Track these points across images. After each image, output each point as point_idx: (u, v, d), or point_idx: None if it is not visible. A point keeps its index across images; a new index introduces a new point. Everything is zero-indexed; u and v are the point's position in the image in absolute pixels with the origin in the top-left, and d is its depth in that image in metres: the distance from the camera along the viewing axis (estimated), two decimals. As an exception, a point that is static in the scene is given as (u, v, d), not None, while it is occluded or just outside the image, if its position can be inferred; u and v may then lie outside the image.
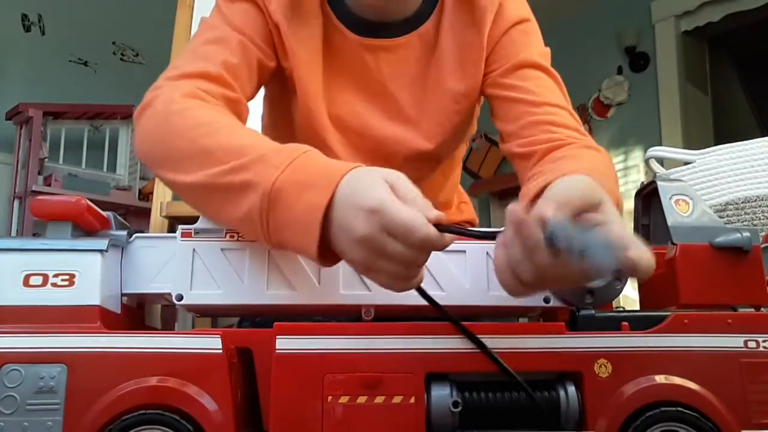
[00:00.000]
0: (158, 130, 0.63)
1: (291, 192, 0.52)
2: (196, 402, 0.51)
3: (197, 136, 0.59)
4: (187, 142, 0.59)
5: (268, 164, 0.53)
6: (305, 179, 0.52)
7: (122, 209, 2.62)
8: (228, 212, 0.56)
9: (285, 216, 0.52)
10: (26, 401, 0.51)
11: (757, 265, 0.58)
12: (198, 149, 0.58)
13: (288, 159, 0.53)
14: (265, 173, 0.53)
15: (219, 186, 0.55)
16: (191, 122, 0.61)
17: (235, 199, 0.54)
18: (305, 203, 0.51)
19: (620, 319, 0.55)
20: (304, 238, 0.51)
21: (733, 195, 1.18)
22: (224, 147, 0.57)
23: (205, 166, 0.56)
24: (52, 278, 0.55)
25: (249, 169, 0.54)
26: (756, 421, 0.52)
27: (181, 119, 0.61)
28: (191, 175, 0.57)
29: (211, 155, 0.56)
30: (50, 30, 2.95)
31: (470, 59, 0.77)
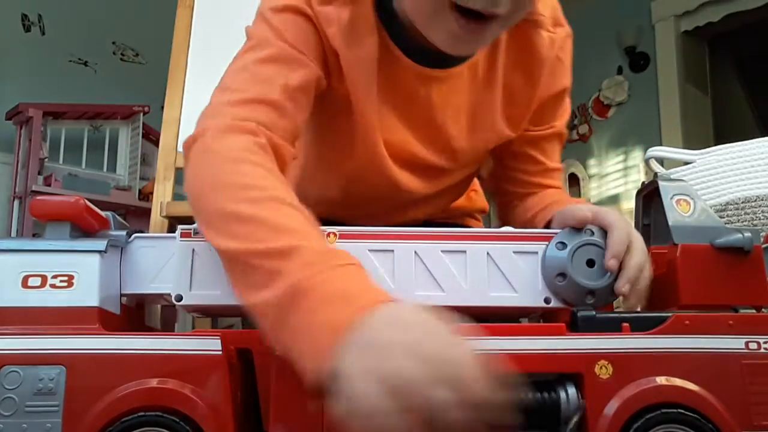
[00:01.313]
0: (205, 174, 0.58)
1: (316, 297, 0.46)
2: (195, 403, 0.51)
3: (240, 198, 0.54)
4: (230, 200, 0.54)
5: (303, 259, 0.48)
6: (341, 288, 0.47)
7: (122, 209, 2.62)
8: (247, 295, 0.51)
9: (301, 320, 0.46)
10: (25, 403, 0.51)
11: (758, 266, 0.58)
12: (235, 213, 0.53)
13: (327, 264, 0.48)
14: (298, 268, 0.48)
15: (246, 265, 0.51)
16: (240, 180, 0.55)
17: (258, 284, 0.49)
18: (330, 316, 0.45)
19: (621, 320, 0.55)
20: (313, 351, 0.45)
21: (733, 195, 1.18)
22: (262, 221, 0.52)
23: (238, 237, 0.52)
24: (50, 279, 0.55)
25: (283, 258, 0.49)
26: (757, 422, 0.52)
27: (231, 170, 0.56)
28: (223, 240, 0.53)
29: (246, 225, 0.52)
30: (50, 30, 2.95)
31: (519, 107, 0.77)
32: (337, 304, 0.45)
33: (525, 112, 0.78)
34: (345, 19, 0.67)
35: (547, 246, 0.60)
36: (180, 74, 1.53)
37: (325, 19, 0.67)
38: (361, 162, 0.74)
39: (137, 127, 2.82)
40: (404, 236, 0.60)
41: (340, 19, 0.67)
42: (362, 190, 0.77)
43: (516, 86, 0.76)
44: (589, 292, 0.59)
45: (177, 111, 1.50)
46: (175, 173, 1.45)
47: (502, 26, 0.64)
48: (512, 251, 0.60)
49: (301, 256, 0.48)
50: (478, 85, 0.75)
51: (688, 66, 3.10)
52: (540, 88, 0.76)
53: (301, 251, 0.49)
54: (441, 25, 0.63)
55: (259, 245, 0.50)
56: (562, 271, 0.59)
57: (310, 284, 0.47)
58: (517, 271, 0.60)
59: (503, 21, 0.62)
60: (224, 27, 1.60)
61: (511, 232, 0.62)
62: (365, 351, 0.42)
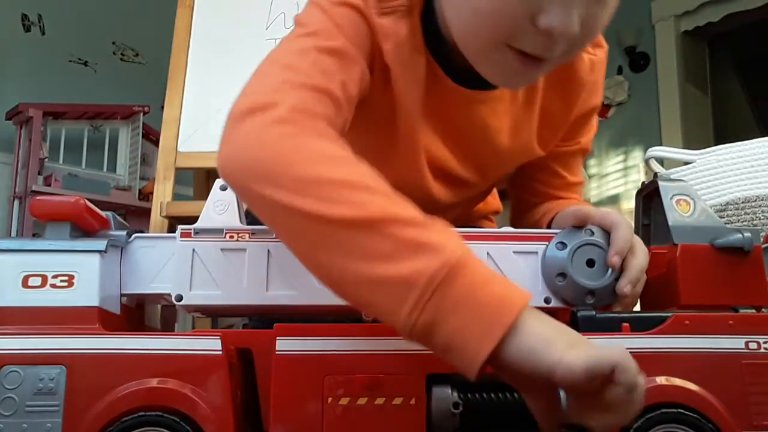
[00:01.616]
0: (289, 145, 0.52)
1: (478, 273, 0.46)
2: (195, 403, 0.51)
3: (347, 171, 0.50)
4: (330, 168, 0.50)
5: (450, 238, 0.47)
6: (492, 273, 0.47)
7: (122, 209, 2.62)
8: (371, 268, 0.47)
9: (462, 296, 0.45)
10: (25, 403, 0.51)
11: (758, 266, 0.58)
12: (349, 181, 0.49)
13: (459, 238, 0.48)
14: (448, 241, 0.47)
15: (379, 233, 0.47)
16: (339, 153, 0.52)
17: (394, 255, 0.46)
18: (496, 294, 0.45)
19: (621, 320, 0.55)
20: (483, 330, 0.44)
21: (733, 195, 1.18)
22: (387, 194, 0.49)
23: (360, 205, 0.48)
24: (51, 279, 0.55)
25: (426, 229, 0.47)
26: (757, 422, 0.52)
27: (323, 145, 0.53)
28: (334, 207, 0.48)
29: (367, 194, 0.49)
30: (50, 30, 2.95)
31: (552, 128, 0.77)
32: (497, 282, 0.46)
33: (558, 133, 0.78)
34: (401, 35, 0.65)
35: (547, 246, 0.60)
36: (180, 74, 1.54)
37: (381, 32, 0.64)
38: (399, 172, 0.71)
39: (137, 127, 2.82)
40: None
41: (396, 34, 0.65)
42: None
43: (553, 108, 0.75)
44: (589, 292, 0.59)
45: (177, 111, 1.50)
46: (175, 173, 1.45)
47: (556, 64, 0.62)
48: (512, 251, 0.60)
49: (442, 231, 0.47)
50: (517, 106, 0.74)
51: (688, 66, 3.11)
52: (575, 109, 0.76)
53: (435, 224, 0.48)
54: (495, 62, 0.61)
55: (390, 213, 0.47)
56: (562, 271, 0.59)
57: (464, 260, 0.46)
58: (517, 271, 0.60)
59: (558, 59, 0.61)
60: (224, 27, 1.60)
61: (511, 232, 0.62)
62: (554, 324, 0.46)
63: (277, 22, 1.61)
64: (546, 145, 0.78)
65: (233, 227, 0.59)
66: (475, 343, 0.44)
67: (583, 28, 0.57)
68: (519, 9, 0.56)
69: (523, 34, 0.57)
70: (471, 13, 0.59)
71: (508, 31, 0.58)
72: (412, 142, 0.71)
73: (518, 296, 0.46)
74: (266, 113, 0.54)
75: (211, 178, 1.47)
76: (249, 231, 0.59)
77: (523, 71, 0.61)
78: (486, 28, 0.59)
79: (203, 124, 1.47)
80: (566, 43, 0.57)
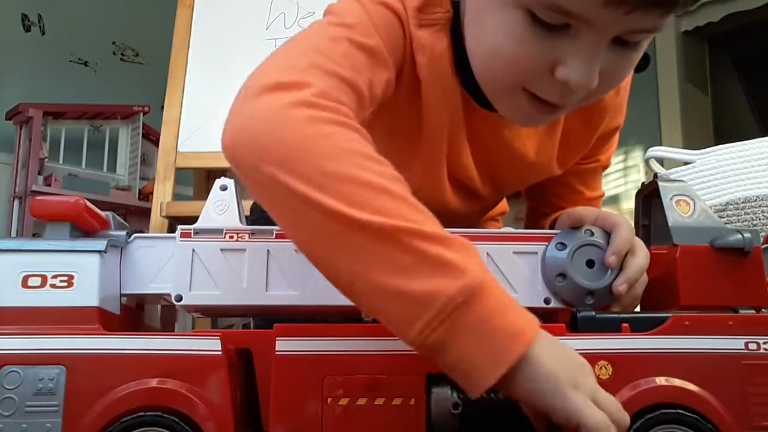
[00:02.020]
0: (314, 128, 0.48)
1: (494, 300, 0.45)
2: (195, 404, 0.51)
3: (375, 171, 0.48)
4: (358, 167, 0.47)
5: (474, 257, 0.47)
6: (507, 298, 0.47)
7: (122, 209, 2.62)
8: (390, 279, 0.45)
9: (476, 322, 0.44)
10: (25, 403, 0.51)
11: (757, 267, 0.58)
12: (377, 185, 0.47)
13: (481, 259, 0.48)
14: (471, 264, 0.45)
15: (403, 246, 0.45)
16: (367, 151, 0.49)
17: (416, 270, 0.45)
18: (510, 323, 0.45)
19: (620, 321, 0.55)
20: (492, 357, 0.44)
21: (733, 195, 1.18)
22: (410, 203, 0.47)
23: (387, 213, 0.45)
24: (50, 279, 0.55)
25: (451, 248, 0.46)
26: (757, 423, 0.52)
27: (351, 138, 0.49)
28: (362, 212, 0.45)
29: (393, 201, 0.46)
30: (50, 30, 2.95)
31: (573, 150, 0.76)
32: (512, 310, 0.46)
33: (578, 154, 0.77)
34: (437, 50, 0.63)
35: (547, 246, 0.60)
36: (180, 74, 1.54)
37: (418, 44, 0.62)
38: (418, 180, 0.70)
39: (137, 127, 2.82)
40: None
41: (433, 48, 0.63)
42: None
43: (575, 130, 0.74)
44: (589, 293, 0.59)
45: (177, 111, 1.50)
46: (175, 173, 1.45)
47: (573, 108, 0.61)
48: (512, 251, 0.60)
49: (469, 251, 0.46)
50: (540, 131, 0.73)
51: (688, 66, 3.10)
52: (598, 132, 0.75)
53: (463, 245, 0.47)
54: (510, 103, 0.61)
55: (415, 226, 0.45)
56: (562, 272, 0.59)
57: (484, 285, 0.45)
58: (516, 272, 0.60)
59: (575, 105, 0.60)
60: (224, 27, 1.60)
61: (510, 232, 0.62)
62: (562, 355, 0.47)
63: (277, 22, 1.62)
64: (565, 165, 0.77)
65: (233, 227, 0.59)
66: (482, 370, 0.44)
67: (604, 81, 0.55)
68: (539, 57, 0.54)
69: (540, 82, 0.56)
70: (490, 53, 0.58)
71: (525, 77, 0.56)
72: (436, 154, 0.70)
73: (530, 326, 0.46)
74: (292, 92, 0.49)
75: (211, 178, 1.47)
76: (249, 231, 0.59)
77: (536, 116, 0.60)
78: (504, 71, 0.57)
79: (203, 124, 1.47)
80: (584, 94, 0.56)
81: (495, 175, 0.75)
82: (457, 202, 0.75)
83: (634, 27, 0.52)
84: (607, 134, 0.78)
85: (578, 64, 0.53)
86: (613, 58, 0.55)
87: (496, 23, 0.56)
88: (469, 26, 0.61)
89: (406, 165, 0.69)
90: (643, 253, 0.61)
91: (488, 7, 0.57)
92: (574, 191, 0.82)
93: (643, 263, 0.60)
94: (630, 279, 0.58)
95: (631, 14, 0.50)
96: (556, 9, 0.51)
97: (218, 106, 1.38)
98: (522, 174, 0.76)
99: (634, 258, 0.60)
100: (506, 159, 0.73)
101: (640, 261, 0.60)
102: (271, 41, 1.58)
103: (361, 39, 0.57)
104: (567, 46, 0.53)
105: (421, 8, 0.62)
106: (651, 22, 0.52)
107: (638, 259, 0.60)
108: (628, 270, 0.59)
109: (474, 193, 0.76)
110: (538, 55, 0.54)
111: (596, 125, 0.75)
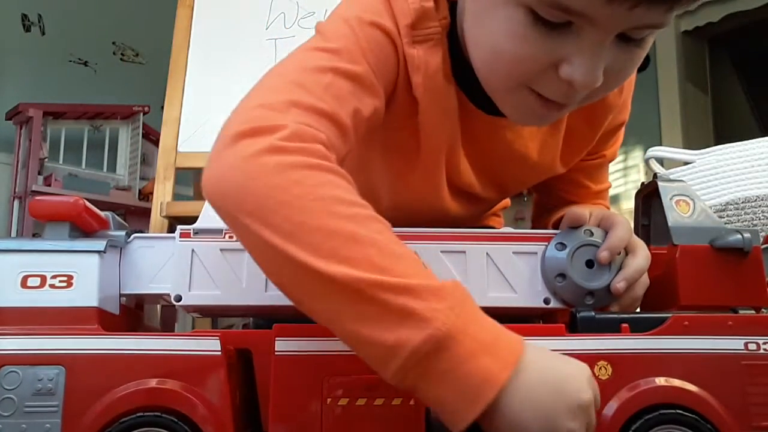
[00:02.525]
0: (281, 176, 0.48)
1: (464, 346, 0.45)
2: (194, 404, 0.51)
3: (344, 215, 0.47)
4: (326, 214, 0.47)
5: (442, 302, 0.46)
6: (485, 339, 0.46)
7: (122, 209, 2.62)
8: (359, 329, 0.46)
9: (447, 369, 0.45)
10: (24, 403, 0.51)
11: (757, 267, 0.58)
12: (344, 232, 0.47)
13: (460, 302, 0.46)
14: (437, 312, 0.45)
15: (368, 298, 0.45)
16: (335, 193, 0.48)
17: (382, 321, 0.45)
18: (481, 368, 0.45)
19: (620, 321, 0.55)
20: (464, 403, 0.45)
21: (733, 195, 1.18)
22: (380, 247, 0.47)
23: (354, 263, 0.46)
24: (50, 279, 0.55)
25: (417, 297, 0.45)
26: (756, 423, 0.52)
27: (320, 180, 0.49)
28: (328, 264, 0.45)
29: (361, 248, 0.46)
30: (50, 30, 2.95)
31: (576, 149, 0.76)
32: (487, 356, 0.45)
33: (582, 152, 0.77)
34: (432, 67, 0.62)
35: (547, 246, 0.60)
36: (180, 74, 1.54)
37: (412, 64, 0.61)
38: (417, 192, 0.71)
39: (137, 127, 2.82)
40: (404, 237, 0.59)
41: (428, 66, 0.61)
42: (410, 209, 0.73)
43: (578, 130, 0.73)
44: (589, 293, 0.59)
45: (177, 111, 1.50)
46: (175, 173, 1.45)
47: (577, 106, 0.60)
48: (512, 252, 0.60)
49: (437, 296, 0.46)
50: (542, 131, 0.72)
51: (688, 66, 3.11)
52: (601, 130, 0.75)
53: (437, 292, 0.46)
54: (513, 102, 0.60)
55: (379, 277, 0.45)
56: (562, 272, 0.59)
57: (452, 332, 0.45)
58: (516, 272, 0.60)
59: (579, 104, 0.59)
60: (224, 27, 1.60)
61: (510, 232, 0.62)
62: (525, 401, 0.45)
63: (277, 22, 1.62)
64: (568, 163, 0.77)
65: (232, 227, 0.59)
66: (456, 414, 0.45)
67: (609, 79, 0.55)
68: (542, 56, 0.53)
69: (544, 81, 0.55)
70: (492, 54, 0.57)
71: (528, 76, 0.56)
72: (434, 168, 0.69)
73: (500, 371, 0.45)
74: (263, 138, 0.49)
75: (211, 178, 1.47)
76: (248, 231, 0.59)
77: (540, 114, 0.59)
78: (506, 71, 0.56)
79: (203, 124, 1.47)
80: (588, 92, 0.56)
81: (497, 178, 0.75)
82: (458, 208, 0.75)
83: (639, 23, 0.51)
84: (612, 130, 0.78)
85: (582, 63, 0.52)
86: (617, 55, 0.54)
87: (497, 23, 0.55)
88: (469, 28, 0.60)
89: (404, 178, 0.70)
90: (643, 254, 0.60)
91: (488, 6, 0.56)
92: (580, 186, 0.81)
93: (643, 264, 0.60)
94: (629, 278, 0.58)
95: (635, 10, 0.49)
96: (558, 6, 0.50)
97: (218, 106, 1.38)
98: (524, 175, 0.76)
99: (635, 258, 0.60)
100: (508, 161, 0.72)
101: (640, 262, 0.60)
102: (271, 41, 1.58)
103: (347, 66, 0.57)
104: (570, 45, 0.52)
105: (414, 25, 0.60)
106: (656, 17, 0.51)
107: (638, 260, 0.60)
108: (627, 269, 0.59)
109: (475, 197, 0.76)
110: (540, 54, 0.53)
111: (600, 123, 0.74)
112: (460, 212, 0.76)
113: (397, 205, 0.73)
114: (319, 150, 0.50)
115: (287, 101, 0.52)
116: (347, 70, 0.56)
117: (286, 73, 0.56)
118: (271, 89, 0.55)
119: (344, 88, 0.56)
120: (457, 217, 0.76)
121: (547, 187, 0.83)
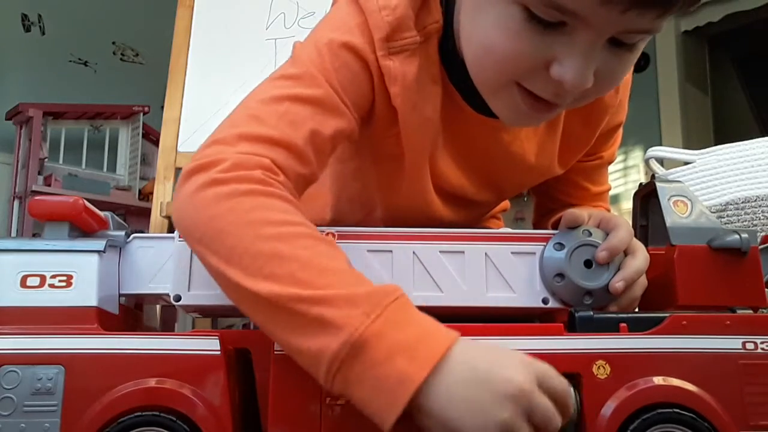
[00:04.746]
0: (222, 209, 0.52)
1: (380, 349, 0.46)
2: (193, 403, 0.51)
3: (270, 235, 0.51)
4: (259, 238, 0.51)
5: (356, 308, 0.48)
6: (404, 341, 0.47)
7: (122, 209, 2.63)
8: (289, 339, 0.50)
9: (364, 373, 0.46)
10: (23, 403, 0.51)
11: (755, 267, 0.58)
12: (268, 251, 0.50)
13: (378, 307, 0.48)
14: (351, 318, 0.47)
15: (289, 310, 0.49)
16: (267, 216, 0.52)
17: (304, 331, 0.48)
18: (397, 370, 0.46)
19: (618, 321, 0.55)
20: (383, 405, 0.46)
21: (733, 195, 1.18)
22: (303, 262, 0.50)
23: (276, 278, 0.49)
24: (49, 279, 0.55)
25: (332, 306, 0.48)
26: (754, 422, 0.52)
27: (254, 205, 0.52)
28: (256, 282, 0.49)
29: (283, 265, 0.50)
30: (50, 30, 2.95)
31: (573, 151, 0.76)
32: (402, 356, 0.46)
33: (579, 154, 0.77)
34: (410, 76, 0.62)
35: (545, 247, 0.60)
36: (180, 74, 1.54)
37: (388, 76, 0.62)
38: (405, 199, 0.72)
39: (137, 127, 2.82)
40: (403, 237, 0.60)
41: (405, 76, 0.62)
42: (403, 216, 0.74)
43: (575, 131, 0.74)
44: (587, 293, 0.59)
45: (177, 111, 1.50)
46: (175, 173, 1.45)
47: (570, 107, 0.61)
48: (510, 252, 0.60)
49: (352, 304, 0.48)
50: (539, 132, 0.72)
51: (688, 66, 3.11)
52: (598, 131, 0.75)
53: (351, 300, 0.48)
54: (504, 100, 0.60)
55: (301, 291, 0.48)
56: (560, 272, 0.59)
57: (368, 336, 0.47)
58: (515, 272, 0.60)
59: (569, 106, 0.60)
60: (224, 27, 1.60)
61: (509, 232, 0.62)
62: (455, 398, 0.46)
63: (277, 22, 1.62)
64: (566, 165, 0.77)
65: (231, 227, 0.59)
66: (380, 414, 0.47)
67: (599, 82, 0.55)
68: (533, 54, 0.54)
69: (534, 78, 0.56)
70: (483, 51, 0.58)
71: (518, 73, 0.56)
72: (419, 174, 0.69)
73: (416, 372, 0.46)
74: (206, 173, 0.54)
75: (211, 178, 1.47)
76: (247, 231, 0.59)
77: (530, 113, 0.59)
78: (497, 66, 0.57)
79: (203, 124, 1.47)
80: (578, 94, 0.56)
81: (493, 180, 0.75)
82: (451, 214, 0.75)
83: (630, 27, 0.52)
84: (609, 131, 0.78)
85: (573, 63, 0.53)
86: (609, 58, 0.54)
87: (490, 18, 0.56)
88: (463, 25, 0.61)
89: (393, 187, 0.71)
90: (642, 256, 0.61)
91: (483, 3, 0.57)
92: (579, 187, 0.81)
93: (642, 265, 0.60)
94: (627, 278, 0.59)
95: (627, 13, 0.50)
96: (553, 5, 0.51)
97: (218, 106, 1.38)
98: (521, 177, 0.76)
99: (634, 259, 0.60)
100: (504, 163, 0.72)
101: (638, 262, 0.60)
102: (271, 41, 1.58)
103: (306, 91, 0.59)
104: (562, 44, 0.53)
105: (388, 37, 0.61)
106: (647, 23, 0.52)
107: (637, 261, 0.60)
108: (626, 270, 0.59)
109: (469, 201, 0.76)
110: (532, 51, 0.54)
111: (596, 124, 0.74)
112: (454, 218, 0.75)
113: (391, 212, 0.74)
114: (254, 176, 0.54)
115: (238, 135, 0.57)
116: (305, 95, 0.59)
117: (248, 105, 0.60)
118: (231, 123, 0.59)
119: (300, 113, 0.59)
120: (453, 223, 0.75)
121: (546, 190, 0.83)
